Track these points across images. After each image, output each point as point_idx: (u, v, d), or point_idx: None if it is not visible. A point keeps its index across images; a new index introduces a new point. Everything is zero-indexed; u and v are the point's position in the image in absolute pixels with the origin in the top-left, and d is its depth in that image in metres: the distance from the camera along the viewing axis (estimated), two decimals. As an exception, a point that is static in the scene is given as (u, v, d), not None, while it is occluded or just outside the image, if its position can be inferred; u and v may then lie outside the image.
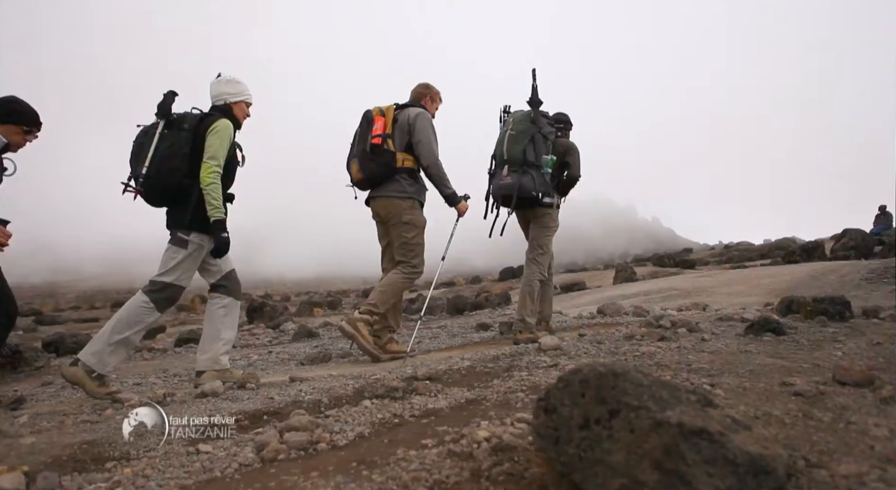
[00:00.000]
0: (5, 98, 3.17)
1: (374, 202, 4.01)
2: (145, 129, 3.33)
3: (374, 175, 3.89)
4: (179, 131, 3.24)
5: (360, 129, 3.98)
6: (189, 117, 3.32)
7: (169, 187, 3.20)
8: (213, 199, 3.19)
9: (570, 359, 3.15)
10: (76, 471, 1.87)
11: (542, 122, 4.22)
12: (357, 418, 2.20)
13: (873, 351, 2.91)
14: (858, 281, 7.19)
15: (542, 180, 4.17)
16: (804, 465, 1.35)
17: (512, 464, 1.49)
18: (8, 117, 3.12)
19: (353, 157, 3.97)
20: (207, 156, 3.21)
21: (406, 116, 3.93)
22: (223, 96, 3.45)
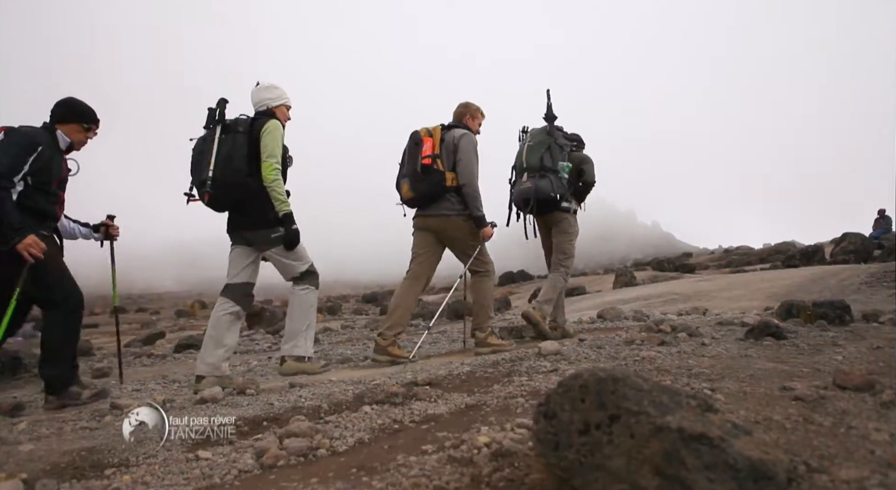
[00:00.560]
0: (64, 99, 3.32)
1: (428, 220, 4.17)
2: (203, 137, 3.51)
3: (424, 194, 4.07)
4: (236, 135, 3.43)
5: (409, 149, 4.15)
6: (242, 122, 3.51)
7: (234, 187, 3.38)
8: (279, 194, 3.42)
9: (570, 364, 3.14)
10: (75, 478, 1.87)
11: (556, 134, 4.57)
12: (357, 424, 2.20)
13: (873, 355, 2.91)
14: (858, 285, 7.19)
15: (559, 184, 4.46)
16: (805, 470, 1.35)
17: (512, 469, 1.48)
18: (70, 116, 3.30)
19: (404, 176, 4.13)
20: (266, 155, 3.40)
21: (452, 137, 4.10)
22: (264, 102, 3.65)
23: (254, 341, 7.18)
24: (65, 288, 3.20)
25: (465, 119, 4.31)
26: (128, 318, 20.21)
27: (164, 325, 13.98)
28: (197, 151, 3.48)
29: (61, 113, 3.29)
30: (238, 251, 3.61)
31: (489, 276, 4.26)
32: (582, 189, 4.80)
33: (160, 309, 24.98)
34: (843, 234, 14.53)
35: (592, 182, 4.78)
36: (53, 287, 3.15)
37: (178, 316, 19.72)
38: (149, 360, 6.03)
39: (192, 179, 3.48)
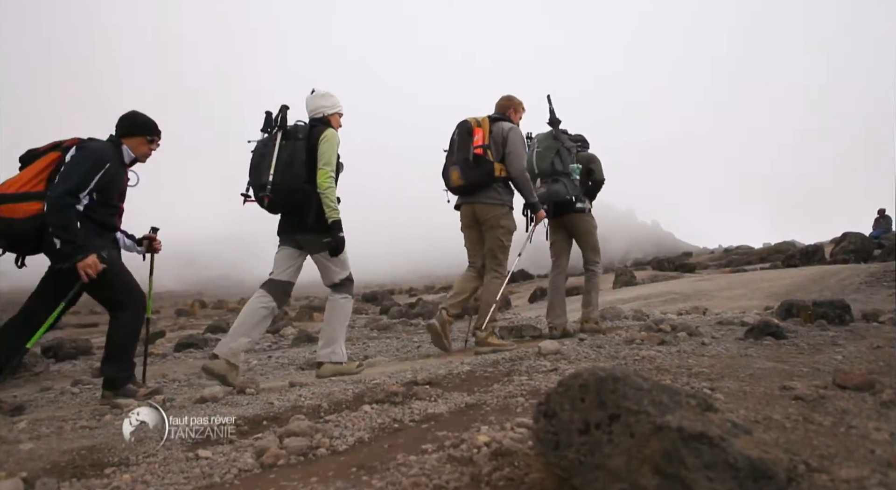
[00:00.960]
0: (128, 113, 3.44)
1: (470, 207, 4.30)
2: (263, 141, 3.61)
3: (474, 183, 4.17)
4: (295, 141, 3.55)
5: (460, 138, 4.24)
6: (301, 128, 3.62)
7: (293, 192, 3.49)
8: (330, 201, 3.53)
9: (570, 363, 3.14)
10: (75, 477, 1.87)
11: (563, 137, 4.72)
12: (357, 423, 2.20)
13: (873, 355, 2.92)
14: (858, 284, 7.19)
15: (572, 186, 4.65)
16: (805, 470, 1.35)
17: (512, 469, 1.48)
18: (136, 129, 3.41)
19: (454, 164, 4.23)
20: (322, 163, 3.53)
21: (500, 129, 4.22)
22: (321, 109, 3.75)
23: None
24: (130, 290, 3.31)
25: (508, 112, 4.41)
26: (128, 317, 20.19)
27: (164, 325, 13.98)
28: (258, 154, 3.58)
29: (126, 127, 3.40)
30: (287, 251, 3.71)
31: (501, 278, 4.33)
32: (592, 188, 4.98)
33: (160, 308, 24.98)
34: (843, 233, 14.52)
35: (602, 180, 4.99)
36: (120, 290, 3.27)
37: (177, 315, 19.72)
38: (148, 359, 6.04)
39: (251, 181, 3.59)
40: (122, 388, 3.22)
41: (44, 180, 3.13)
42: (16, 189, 3.09)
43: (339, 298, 3.69)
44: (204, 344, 6.65)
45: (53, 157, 3.19)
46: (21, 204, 3.06)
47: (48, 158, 3.19)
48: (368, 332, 7.33)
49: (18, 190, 3.09)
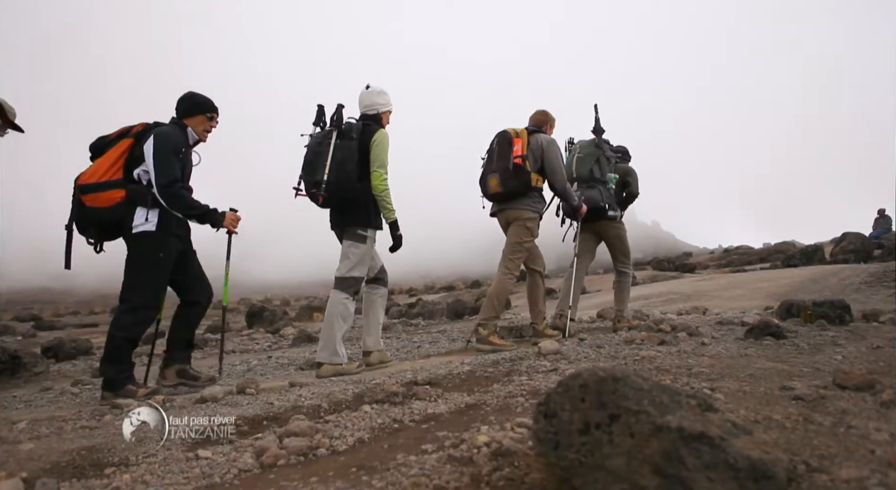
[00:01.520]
0: (185, 95, 3.55)
1: (507, 213, 4.41)
2: (318, 139, 3.68)
3: (513, 190, 4.29)
4: (349, 141, 3.63)
5: (499, 147, 4.33)
6: (355, 128, 3.69)
7: (346, 189, 3.59)
8: (387, 203, 3.69)
9: (570, 363, 3.14)
10: (75, 477, 1.87)
11: (604, 146, 4.93)
12: (357, 423, 2.20)
13: (873, 355, 2.91)
14: (858, 284, 7.19)
15: (607, 194, 4.85)
16: (805, 470, 1.35)
17: (512, 469, 1.48)
18: (195, 109, 3.52)
19: (493, 172, 4.32)
20: (376, 165, 3.65)
21: (538, 141, 4.35)
22: (375, 106, 3.83)
23: (254, 340, 7.18)
24: (148, 295, 3.36)
25: (545, 127, 4.56)
26: (128, 317, 20.18)
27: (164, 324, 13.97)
28: (313, 152, 3.66)
29: (186, 107, 3.50)
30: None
31: (512, 277, 4.44)
32: (626, 199, 5.23)
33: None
34: (842, 233, 14.52)
35: (636, 194, 5.24)
36: (139, 289, 3.34)
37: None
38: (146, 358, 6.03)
39: (305, 177, 3.68)
40: (120, 388, 3.22)
41: (120, 168, 3.26)
42: (97, 179, 3.22)
43: (340, 298, 3.72)
44: (203, 344, 6.64)
45: (126, 144, 3.30)
46: (105, 193, 3.21)
47: (121, 146, 3.30)
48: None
49: (100, 179, 3.22)
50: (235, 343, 6.88)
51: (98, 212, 3.23)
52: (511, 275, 4.38)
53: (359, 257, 3.70)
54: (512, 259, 4.36)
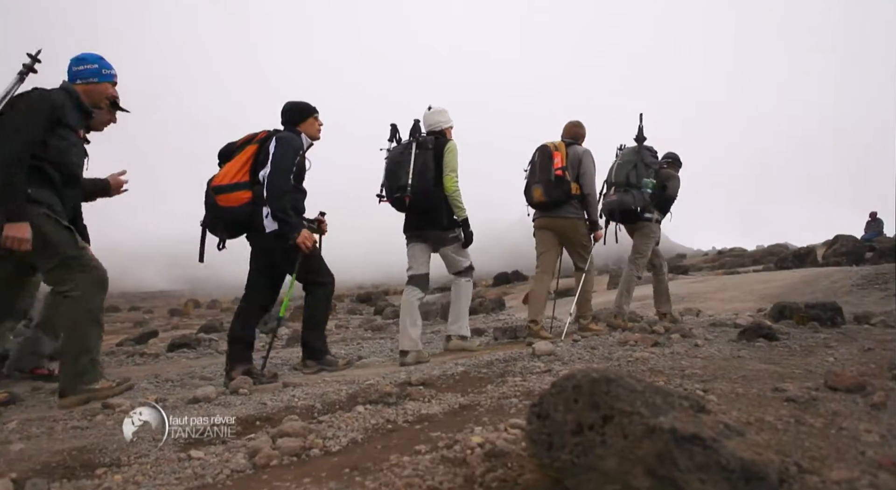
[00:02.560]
0: (288, 104, 3.84)
1: (553, 220, 4.85)
2: (399, 150, 4.18)
3: (555, 199, 4.72)
4: (426, 151, 4.12)
5: (541, 160, 4.79)
6: (430, 140, 4.19)
7: (426, 194, 4.06)
8: (459, 203, 4.15)
9: (564, 364, 3.15)
10: (65, 477, 1.85)
11: (644, 153, 5.33)
12: (350, 424, 2.19)
13: (865, 357, 2.93)
14: (850, 287, 7.24)
15: (641, 197, 5.21)
16: (796, 471, 1.36)
17: (505, 470, 1.48)
18: (305, 113, 3.83)
19: (537, 183, 4.77)
20: (449, 170, 4.13)
21: (575, 153, 4.81)
22: (438, 124, 4.34)
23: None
24: (326, 271, 3.81)
25: (580, 139, 4.97)
26: (120, 316, 20.10)
27: (157, 324, 13.90)
28: (395, 162, 4.14)
29: (296, 114, 3.81)
30: (418, 247, 4.32)
31: (591, 273, 4.99)
32: (663, 201, 5.53)
33: (153, 307, 24.86)
34: (835, 236, 14.62)
35: (672, 197, 5.58)
36: (320, 270, 3.77)
37: (171, 315, 19.62)
38: (141, 358, 5.99)
39: (389, 184, 4.15)
40: (322, 357, 3.68)
41: (247, 172, 3.58)
42: (227, 181, 3.54)
43: (463, 281, 4.33)
44: (197, 344, 6.60)
45: (252, 150, 3.62)
46: (235, 193, 3.53)
47: (248, 152, 3.62)
48: (362, 333, 7.32)
49: (230, 181, 3.54)
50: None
51: (229, 211, 3.54)
52: (590, 272, 4.91)
53: (463, 252, 4.29)
54: (585, 259, 4.88)
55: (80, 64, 3.25)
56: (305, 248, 3.58)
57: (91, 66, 3.26)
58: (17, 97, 3.03)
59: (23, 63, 3.13)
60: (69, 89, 3.16)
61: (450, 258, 4.31)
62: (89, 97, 3.24)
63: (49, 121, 3.00)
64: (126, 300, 31.37)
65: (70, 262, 3.05)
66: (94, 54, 3.30)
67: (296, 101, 3.85)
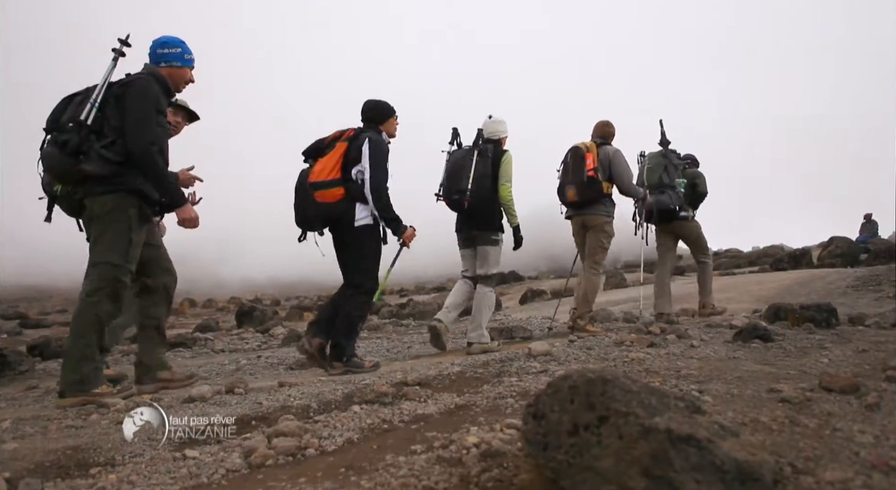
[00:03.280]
0: (369, 104, 3.93)
1: (581, 218, 5.09)
2: (461, 155, 4.44)
3: (588, 199, 4.95)
4: (485, 159, 4.37)
5: (573, 161, 5.00)
6: (489, 149, 4.43)
7: (482, 199, 4.32)
8: (512, 210, 4.43)
9: (560, 364, 3.15)
10: (59, 477, 1.84)
11: (671, 156, 5.70)
12: (346, 424, 2.19)
13: (859, 358, 2.95)
14: (845, 288, 7.27)
15: (677, 197, 5.60)
16: (791, 472, 1.36)
17: (501, 470, 1.48)
18: (387, 113, 3.95)
19: (570, 183, 5.00)
20: (505, 179, 4.40)
21: (606, 153, 4.99)
22: (497, 133, 4.59)
23: (243, 340, 7.13)
24: (375, 278, 3.86)
25: (609, 138, 5.15)
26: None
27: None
28: (457, 166, 4.40)
29: (380, 114, 3.92)
30: (468, 251, 4.62)
31: (598, 275, 5.09)
32: (696, 199, 5.90)
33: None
34: (830, 238, 14.67)
35: (705, 193, 5.96)
36: (369, 274, 3.83)
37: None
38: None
39: (449, 186, 4.42)
40: (350, 359, 3.66)
41: (339, 169, 3.68)
42: (323, 177, 3.67)
43: (486, 290, 4.48)
44: (193, 343, 6.58)
45: (343, 147, 3.74)
46: (331, 190, 3.65)
47: (339, 149, 3.73)
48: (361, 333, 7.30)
49: (326, 178, 3.67)
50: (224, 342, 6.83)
51: (326, 206, 3.67)
52: (597, 272, 5.03)
53: (495, 258, 4.47)
54: (596, 259, 5.01)
55: (164, 47, 3.27)
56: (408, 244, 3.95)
57: (175, 50, 3.29)
58: (126, 85, 3.07)
59: (113, 48, 3.12)
60: (157, 75, 3.20)
61: (483, 256, 4.54)
62: (172, 81, 3.28)
63: (156, 110, 3.10)
64: (121, 299, 31.23)
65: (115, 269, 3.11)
66: (177, 38, 3.33)
67: (377, 101, 3.97)
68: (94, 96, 2.97)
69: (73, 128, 2.91)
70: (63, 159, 2.91)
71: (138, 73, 3.16)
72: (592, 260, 5.03)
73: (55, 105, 3.10)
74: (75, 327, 3.01)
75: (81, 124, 2.91)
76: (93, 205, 3.04)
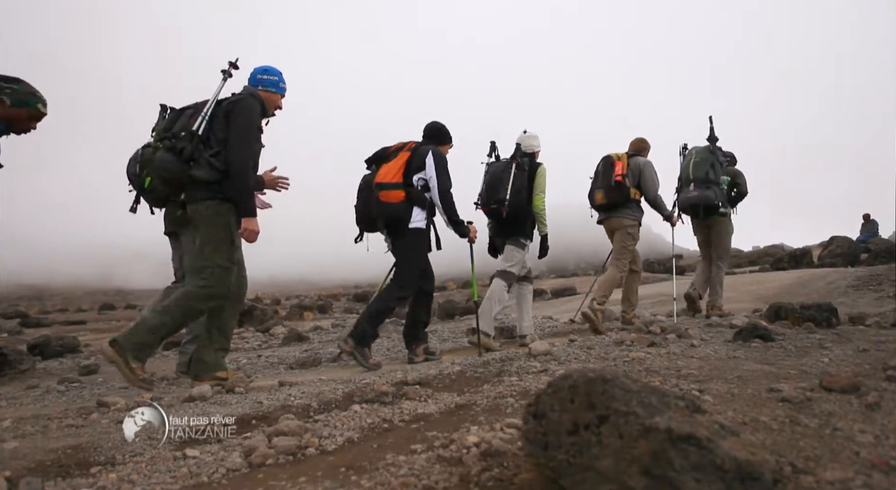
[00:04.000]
0: (437, 125, 4.41)
1: (611, 221, 5.41)
2: (500, 167, 4.71)
3: (614, 202, 5.31)
4: (522, 172, 4.66)
5: (604, 168, 5.41)
6: (526, 162, 4.72)
7: (520, 207, 4.61)
8: (544, 220, 4.77)
9: (560, 364, 3.15)
10: (60, 476, 1.85)
11: (718, 153, 5.84)
12: (346, 423, 2.19)
13: (859, 357, 2.94)
14: (845, 288, 7.27)
15: (720, 193, 5.72)
16: (791, 471, 1.36)
17: (501, 469, 1.49)
18: (447, 139, 4.41)
19: (599, 188, 5.40)
20: (539, 190, 4.71)
21: (636, 163, 5.35)
22: (532, 147, 4.86)
23: (244, 339, 7.13)
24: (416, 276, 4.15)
25: (643, 152, 5.52)
26: (116, 314, 20.02)
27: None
28: (496, 177, 4.68)
29: (443, 135, 4.39)
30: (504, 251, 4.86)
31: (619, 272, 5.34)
32: (736, 198, 6.07)
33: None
34: (830, 237, 14.68)
35: (746, 192, 6.08)
36: (412, 272, 4.12)
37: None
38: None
39: (488, 195, 4.70)
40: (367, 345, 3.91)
41: (402, 174, 4.05)
42: (388, 180, 4.03)
43: (501, 284, 4.67)
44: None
45: (406, 156, 4.11)
46: (394, 191, 4.01)
47: (402, 158, 4.11)
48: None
49: (391, 180, 4.03)
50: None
51: (388, 206, 4.02)
52: (621, 272, 5.30)
53: (519, 259, 4.73)
54: (620, 260, 5.29)
55: (265, 74, 3.68)
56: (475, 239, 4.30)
57: (273, 77, 3.69)
58: (235, 103, 3.43)
59: (222, 69, 3.53)
60: (258, 97, 3.57)
61: (508, 253, 4.83)
62: (268, 104, 3.65)
63: (257, 127, 3.49)
64: (122, 298, 31.27)
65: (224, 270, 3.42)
66: (276, 68, 3.74)
67: (441, 124, 4.44)
68: (205, 110, 3.37)
69: (185, 137, 3.30)
70: (176, 164, 3.28)
71: (243, 94, 3.54)
72: (616, 258, 5.35)
73: (167, 116, 3.53)
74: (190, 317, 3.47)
75: (194, 134, 3.30)
76: (197, 208, 3.38)
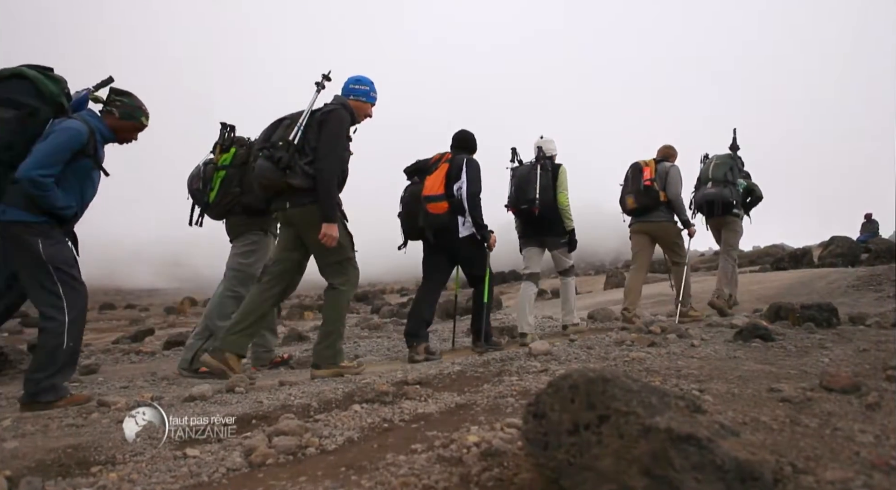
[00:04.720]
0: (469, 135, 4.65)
1: (645, 225, 5.83)
2: (527, 170, 5.05)
3: (645, 206, 5.74)
4: (547, 172, 5.00)
5: (633, 174, 5.83)
6: (550, 164, 5.08)
7: (547, 207, 4.94)
8: (569, 215, 5.12)
9: (561, 364, 3.15)
10: (60, 475, 1.85)
11: (738, 160, 6.41)
12: (346, 423, 2.19)
13: (860, 357, 2.94)
14: (845, 288, 7.26)
15: (736, 193, 6.20)
16: (791, 471, 1.36)
17: (501, 469, 1.49)
18: (475, 148, 4.66)
19: (629, 193, 5.82)
20: (562, 189, 5.08)
21: (663, 168, 5.78)
22: (551, 151, 5.21)
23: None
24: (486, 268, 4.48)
25: (670, 158, 5.92)
26: (116, 314, 20.04)
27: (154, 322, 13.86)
28: (523, 180, 5.02)
29: (472, 145, 4.64)
30: (534, 251, 5.22)
31: (683, 265, 5.82)
32: (751, 203, 6.62)
33: (149, 305, 24.78)
34: (830, 237, 14.66)
35: (762, 197, 6.64)
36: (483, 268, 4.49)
37: (167, 313, 19.57)
38: (137, 356, 5.99)
39: (517, 197, 5.02)
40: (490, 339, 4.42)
41: (443, 185, 4.31)
42: (433, 192, 4.31)
43: (569, 280, 5.26)
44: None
45: (446, 167, 4.37)
46: (439, 203, 4.29)
47: (443, 169, 4.37)
48: (359, 332, 7.32)
49: (436, 193, 4.31)
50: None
51: (435, 217, 4.29)
52: (682, 264, 5.77)
53: (569, 255, 5.15)
54: (678, 254, 5.82)
55: (357, 84, 3.83)
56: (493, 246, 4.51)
57: (364, 87, 3.83)
58: (328, 114, 3.57)
59: (315, 81, 3.69)
60: (348, 106, 3.71)
61: (558, 259, 5.25)
62: (357, 113, 3.79)
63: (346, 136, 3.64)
64: (122, 298, 31.28)
65: (349, 261, 3.68)
66: (368, 78, 3.88)
67: (471, 133, 4.67)
68: (301, 121, 3.51)
69: (283, 146, 3.46)
70: (275, 172, 3.45)
71: (335, 104, 3.68)
72: (675, 255, 5.80)
73: (266, 126, 3.69)
74: (332, 312, 3.65)
75: (290, 143, 3.45)
76: (302, 213, 3.54)
